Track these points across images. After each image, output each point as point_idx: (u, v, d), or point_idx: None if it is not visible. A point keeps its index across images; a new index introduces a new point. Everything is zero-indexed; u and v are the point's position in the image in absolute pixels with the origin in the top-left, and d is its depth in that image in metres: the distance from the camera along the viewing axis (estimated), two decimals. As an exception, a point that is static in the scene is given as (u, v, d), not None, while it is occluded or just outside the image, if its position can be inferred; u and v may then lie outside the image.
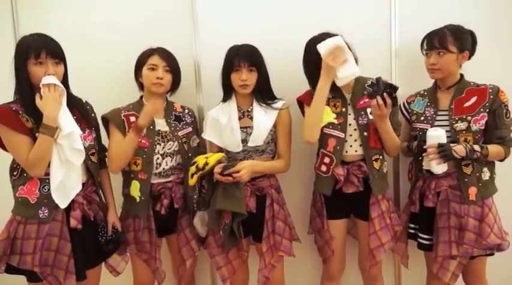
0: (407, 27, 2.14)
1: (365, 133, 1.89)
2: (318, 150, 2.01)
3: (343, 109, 1.91)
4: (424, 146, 1.79)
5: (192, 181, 1.86)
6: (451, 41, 1.81)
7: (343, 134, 1.90)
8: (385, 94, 1.72)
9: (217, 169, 1.80)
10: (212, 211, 1.87)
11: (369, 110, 1.87)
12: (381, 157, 1.92)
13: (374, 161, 1.89)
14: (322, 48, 1.74)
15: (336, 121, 1.90)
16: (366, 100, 1.87)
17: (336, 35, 1.78)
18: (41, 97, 1.60)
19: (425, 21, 1.98)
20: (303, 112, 2.00)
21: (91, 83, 2.16)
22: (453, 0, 2.12)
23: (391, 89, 1.72)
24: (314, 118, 1.84)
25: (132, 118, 1.91)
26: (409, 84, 2.12)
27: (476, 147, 1.77)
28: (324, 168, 1.94)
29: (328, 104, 1.91)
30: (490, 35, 2.10)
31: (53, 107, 1.59)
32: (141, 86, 2.00)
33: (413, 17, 2.12)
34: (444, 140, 1.77)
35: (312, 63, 1.86)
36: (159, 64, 1.90)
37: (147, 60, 1.91)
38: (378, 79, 1.75)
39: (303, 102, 1.96)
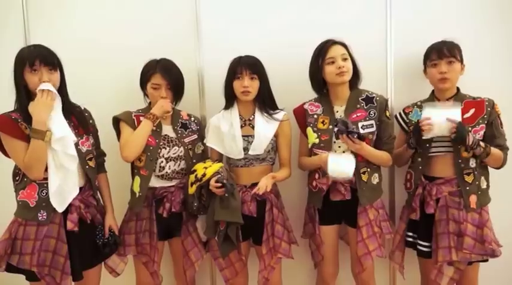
0: (403, 39, 2.21)
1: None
2: None
3: (330, 127, 1.95)
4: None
5: (191, 190, 1.91)
6: (457, 51, 1.91)
7: (326, 152, 1.90)
8: (349, 135, 1.78)
9: (212, 182, 1.83)
10: (210, 221, 1.90)
11: (360, 124, 1.90)
12: (369, 169, 1.94)
13: (362, 174, 1.93)
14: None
15: (317, 141, 1.95)
16: (359, 114, 1.92)
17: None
18: None
19: (421, 34, 2.09)
20: (299, 123, 2.06)
21: (98, 93, 2.25)
22: (447, 15, 2.21)
23: (353, 132, 1.79)
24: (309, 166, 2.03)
25: (142, 119, 1.94)
26: (404, 95, 2.19)
27: (482, 143, 1.84)
28: (314, 183, 2.00)
29: (316, 121, 1.97)
30: (485, 49, 2.20)
31: (41, 111, 1.63)
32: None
33: (409, 31, 2.20)
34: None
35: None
36: (161, 83, 1.93)
37: (150, 78, 1.94)
38: (338, 121, 1.84)
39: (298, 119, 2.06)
